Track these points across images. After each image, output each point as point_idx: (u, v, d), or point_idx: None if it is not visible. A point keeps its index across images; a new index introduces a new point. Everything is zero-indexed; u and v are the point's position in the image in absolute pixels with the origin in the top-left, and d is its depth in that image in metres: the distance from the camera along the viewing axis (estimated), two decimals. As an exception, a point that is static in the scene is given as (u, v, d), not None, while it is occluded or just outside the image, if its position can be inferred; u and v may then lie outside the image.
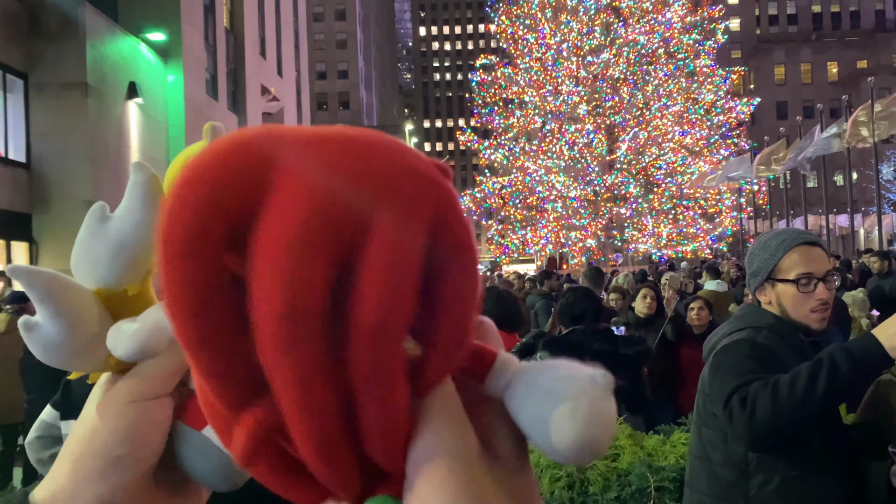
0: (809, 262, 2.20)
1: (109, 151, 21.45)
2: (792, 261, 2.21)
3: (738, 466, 2.18)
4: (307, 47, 45.72)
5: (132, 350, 0.64)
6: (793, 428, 2.02)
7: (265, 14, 35.48)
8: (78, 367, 0.68)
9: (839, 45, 64.60)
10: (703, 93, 26.37)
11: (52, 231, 19.87)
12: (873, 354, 1.88)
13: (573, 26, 26.06)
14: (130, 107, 22.86)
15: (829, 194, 20.69)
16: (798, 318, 2.22)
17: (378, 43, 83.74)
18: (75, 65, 20.33)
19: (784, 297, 2.22)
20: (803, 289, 2.18)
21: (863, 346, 1.91)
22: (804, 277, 2.18)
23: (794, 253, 2.21)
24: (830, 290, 2.22)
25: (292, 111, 39.82)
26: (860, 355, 1.90)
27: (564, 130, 26.30)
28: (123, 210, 0.70)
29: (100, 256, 0.68)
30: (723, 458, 2.22)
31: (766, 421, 1.99)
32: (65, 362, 0.67)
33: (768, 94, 57.60)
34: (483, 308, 0.52)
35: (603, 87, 26.32)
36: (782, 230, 2.38)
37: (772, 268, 2.24)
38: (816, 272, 2.18)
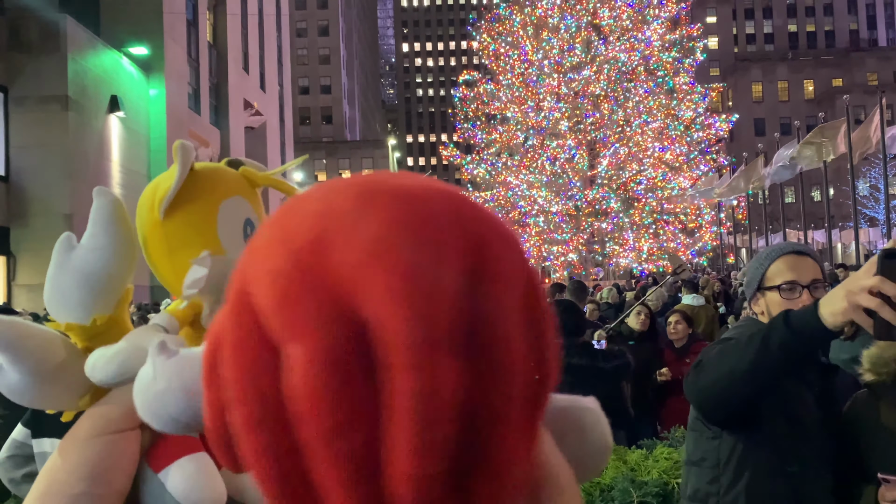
0: (794, 270, 2.19)
1: (89, 165, 21.30)
2: (777, 269, 2.21)
3: (711, 465, 2.19)
4: (290, 62, 45.76)
5: (111, 373, 0.63)
6: (732, 391, 1.96)
7: (248, 29, 35.48)
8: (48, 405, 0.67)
9: (815, 63, 65.70)
10: (683, 109, 26.66)
11: (30, 245, 19.65)
12: (811, 325, 1.77)
13: (554, 44, 26.31)
14: (112, 120, 22.73)
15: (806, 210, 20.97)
16: None
17: (361, 58, 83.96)
18: (56, 78, 20.21)
19: (772, 305, 2.21)
20: (787, 295, 2.17)
21: (802, 315, 1.81)
22: (787, 284, 2.17)
23: (781, 262, 2.22)
24: (817, 298, 2.18)
25: (275, 126, 39.76)
26: (798, 323, 1.82)
27: (546, 146, 26.48)
28: (86, 237, 0.69)
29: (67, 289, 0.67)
30: (700, 456, 2.24)
31: (708, 381, 1.99)
32: (34, 402, 0.66)
33: (746, 112, 58.40)
34: None
35: (584, 103, 26.55)
36: (777, 243, 2.42)
37: (760, 277, 2.25)
38: (801, 280, 2.18)
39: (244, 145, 33.98)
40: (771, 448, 2.12)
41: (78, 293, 0.68)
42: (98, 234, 0.70)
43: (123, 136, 23.42)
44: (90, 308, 0.68)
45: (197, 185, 0.71)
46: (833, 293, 1.75)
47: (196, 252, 0.69)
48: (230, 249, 0.71)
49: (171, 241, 0.70)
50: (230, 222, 0.70)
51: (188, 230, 0.70)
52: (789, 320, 1.83)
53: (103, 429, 0.60)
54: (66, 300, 0.68)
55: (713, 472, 2.19)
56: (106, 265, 0.68)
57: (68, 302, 0.68)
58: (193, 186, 0.70)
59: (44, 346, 0.66)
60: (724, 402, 2.02)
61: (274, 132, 39.32)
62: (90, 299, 0.68)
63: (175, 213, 0.70)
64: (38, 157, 19.95)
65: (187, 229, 0.70)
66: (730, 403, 2.02)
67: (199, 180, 0.71)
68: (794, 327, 1.81)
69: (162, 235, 0.70)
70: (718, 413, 2.10)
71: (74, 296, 0.68)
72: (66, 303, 0.68)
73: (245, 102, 34.40)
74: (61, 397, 0.67)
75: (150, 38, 24.23)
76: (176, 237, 0.70)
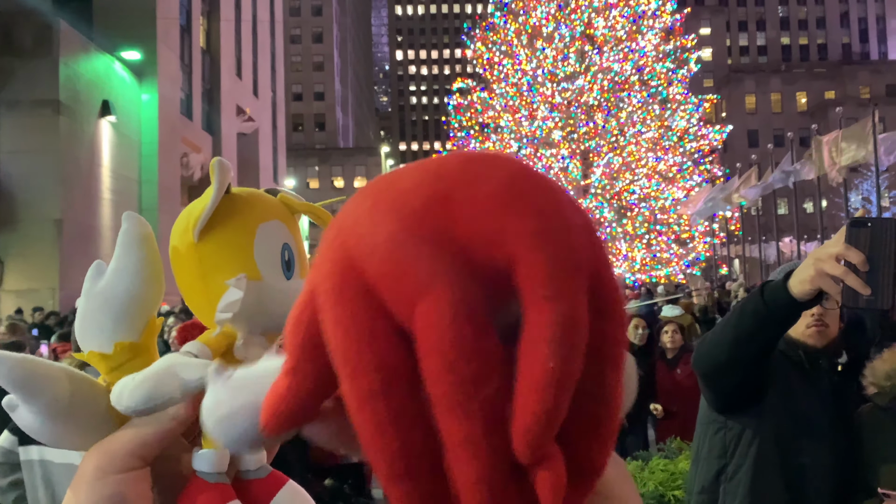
0: None
1: (81, 170, 21.17)
2: None
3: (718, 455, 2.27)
4: (283, 69, 45.76)
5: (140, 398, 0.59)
6: (721, 357, 2.08)
7: (242, 35, 35.46)
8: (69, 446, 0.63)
9: (808, 76, 66.15)
10: (676, 120, 26.75)
11: (20, 250, 19.48)
12: (780, 294, 1.83)
13: (548, 53, 26.37)
14: (103, 125, 22.61)
15: (799, 221, 21.01)
16: (797, 336, 2.27)
17: (355, 66, 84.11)
18: (48, 82, 20.09)
19: None
20: None
21: (774, 285, 1.88)
22: None
23: None
24: (830, 309, 2.26)
25: (267, 132, 39.70)
26: (769, 293, 1.88)
27: (540, 155, 26.51)
28: (111, 261, 0.67)
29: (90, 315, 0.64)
30: (707, 449, 2.31)
31: (703, 349, 2.16)
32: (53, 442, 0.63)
33: (740, 123, 58.70)
34: None
35: (577, 113, 26.60)
36: None
37: None
38: None
39: (236, 151, 33.90)
40: (774, 441, 2.16)
41: (100, 317, 0.64)
42: (121, 255, 0.66)
43: (115, 141, 23.30)
44: (111, 333, 0.64)
45: (234, 207, 0.66)
46: (802, 264, 1.79)
47: (231, 276, 0.65)
48: (267, 275, 0.66)
49: (205, 265, 0.66)
50: (268, 246, 0.66)
51: (223, 253, 0.65)
52: (763, 290, 1.91)
53: (108, 468, 0.56)
54: (89, 326, 0.64)
55: (720, 463, 2.25)
56: (128, 287, 0.65)
57: (91, 328, 0.64)
58: (230, 208, 0.66)
59: (54, 383, 0.61)
60: (717, 369, 2.12)
61: (266, 138, 39.26)
62: (111, 323, 0.64)
63: (210, 236, 0.65)
64: (29, 161, 19.80)
65: (222, 252, 0.65)
66: (722, 370, 2.12)
67: (236, 202, 0.67)
68: (765, 297, 1.89)
69: (196, 259, 0.66)
70: (716, 383, 2.19)
71: (96, 320, 0.64)
72: (89, 329, 0.64)
73: (238, 108, 34.34)
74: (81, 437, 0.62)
75: (143, 42, 24.17)
76: (210, 260, 0.65)
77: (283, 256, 0.68)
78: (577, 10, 26.33)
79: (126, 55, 23.81)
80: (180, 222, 0.69)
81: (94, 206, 21.87)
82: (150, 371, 0.61)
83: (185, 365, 0.61)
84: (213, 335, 0.67)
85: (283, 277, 0.68)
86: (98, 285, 0.66)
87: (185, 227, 0.67)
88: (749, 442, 2.19)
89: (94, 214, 21.73)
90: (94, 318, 0.64)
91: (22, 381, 0.60)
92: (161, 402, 0.59)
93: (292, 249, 0.70)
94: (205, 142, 30.48)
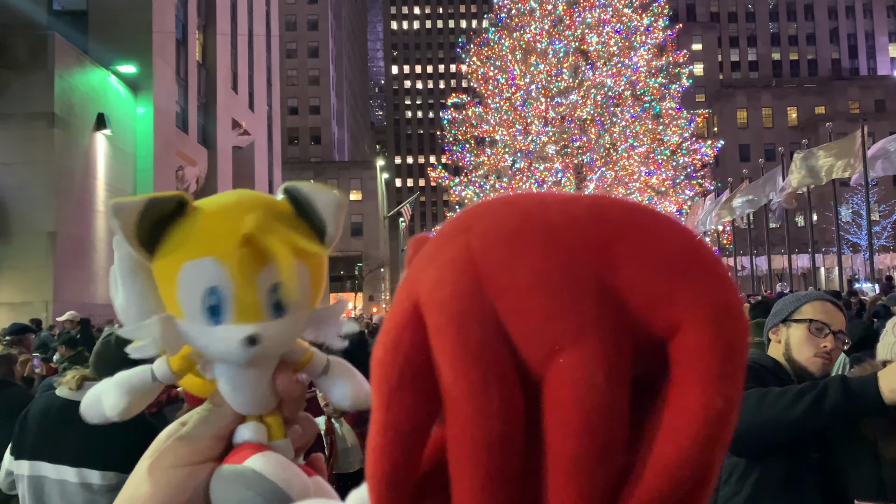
0: (827, 315, 2.34)
1: (75, 183, 21.17)
2: (813, 308, 2.35)
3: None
4: (279, 83, 45.89)
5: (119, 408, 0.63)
6: (770, 436, 2.04)
7: (238, 49, 35.58)
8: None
9: (798, 91, 66.69)
10: (669, 134, 26.90)
11: (13, 263, 19.44)
12: (869, 395, 1.87)
13: (542, 68, 26.55)
14: (98, 138, 22.63)
15: (790, 235, 21.16)
16: (800, 359, 2.32)
17: (350, 80, 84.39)
18: (42, 95, 20.12)
19: (794, 336, 2.34)
20: (815, 332, 2.30)
21: (861, 384, 1.91)
22: (819, 323, 2.31)
23: (818, 304, 2.37)
24: (838, 346, 2.34)
25: (263, 145, 39.76)
26: (857, 390, 1.90)
27: (534, 169, 26.63)
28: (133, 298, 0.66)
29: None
30: None
31: (745, 422, 2.03)
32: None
33: (731, 137, 59.08)
34: None
35: (571, 127, 26.76)
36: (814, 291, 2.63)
37: (791, 310, 2.38)
38: (832, 325, 2.31)
39: (232, 164, 33.94)
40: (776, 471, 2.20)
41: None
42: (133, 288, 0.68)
43: (110, 154, 23.32)
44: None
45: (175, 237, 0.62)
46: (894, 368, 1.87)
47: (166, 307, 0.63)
48: (189, 318, 0.62)
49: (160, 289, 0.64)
50: (188, 287, 0.60)
51: (160, 281, 0.63)
52: (848, 387, 1.91)
53: (188, 458, 0.61)
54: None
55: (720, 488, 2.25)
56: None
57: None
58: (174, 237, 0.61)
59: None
60: (759, 446, 2.09)
61: (262, 152, 39.31)
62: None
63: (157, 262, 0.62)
64: (23, 174, 19.79)
65: (158, 283, 0.63)
66: (765, 447, 2.10)
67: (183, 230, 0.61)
68: (851, 395, 1.90)
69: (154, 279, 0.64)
70: (749, 453, 2.18)
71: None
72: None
73: (233, 122, 34.41)
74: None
75: (138, 56, 24.23)
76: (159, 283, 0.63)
77: (208, 301, 0.60)
78: (570, 26, 26.55)
79: (122, 68, 23.86)
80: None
81: (89, 218, 21.84)
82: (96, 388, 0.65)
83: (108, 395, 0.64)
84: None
85: (206, 324, 0.60)
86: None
87: None
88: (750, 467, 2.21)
89: (88, 227, 21.71)
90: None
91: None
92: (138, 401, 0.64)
93: (222, 293, 0.60)
94: (200, 155, 30.52)
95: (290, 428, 0.66)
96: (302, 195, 0.63)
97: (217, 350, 0.61)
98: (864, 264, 29.23)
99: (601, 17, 26.54)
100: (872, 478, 2.04)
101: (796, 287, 25.54)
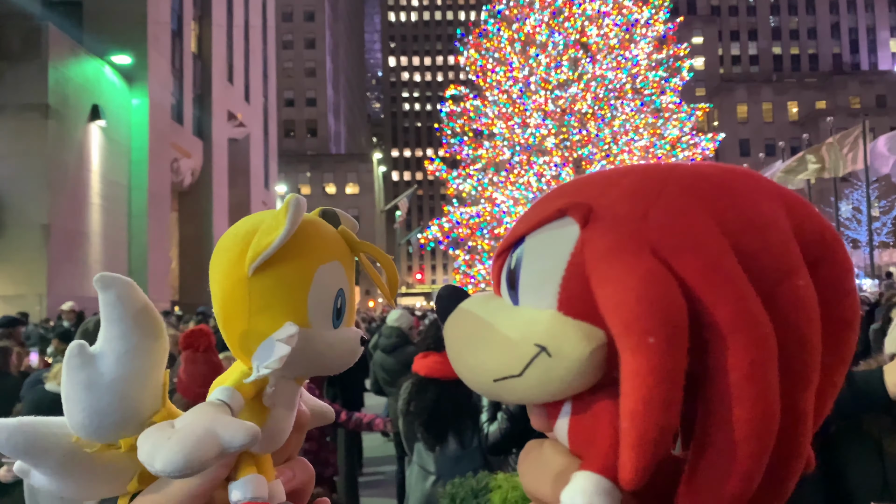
0: None
1: (69, 175, 20.95)
2: None
3: None
4: (276, 74, 45.62)
5: (176, 465, 0.53)
6: None
7: (234, 40, 35.30)
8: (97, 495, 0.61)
9: (798, 86, 66.50)
10: (669, 128, 26.75)
11: (6, 255, 19.25)
12: (874, 389, 1.84)
13: (541, 60, 26.36)
14: (93, 129, 22.40)
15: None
16: None
17: (347, 72, 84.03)
18: (36, 86, 19.89)
19: None
20: None
21: (866, 378, 1.88)
22: None
23: None
24: None
25: (259, 138, 39.52)
26: (861, 385, 1.87)
27: (532, 162, 26.45)
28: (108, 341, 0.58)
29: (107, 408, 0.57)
30: None
31: None
32: (80, 496, 0.61)
33: (731, 132, 58.91)
34: None
35: (571, 120, 26.58)
36: None
37: None
38: None
39: (227, 157, 33.71)
40: None
41: (125, 406, 0.58)
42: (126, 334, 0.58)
43: (104, 145, 23.08)
44: (142, 416, 0.58)
45: (295, 243, 0.59)
46: None
47: (278, 321, 0.58)
48: (316, 323, 0.60)
49: (254, 302, 0.59)
50: (323, 292, 0.61)
51: (276, 294, 0.59)
52: (852, 382, 1.84)
53: None
54: (112, 420, 0.57)
55: None
56: (147, 364, 0.59)
57: (115, 420, 0.57)
58: (291, 243, 0.59)
59: (59, 440, 0.57)
60: None
61: (258, 144, 39.08)
62: (142, 404, 0.58)
63: (266, 273, 0.58)
64: (17, 165, 19.58)
65: (275, 293, 0.59)
66: None
67: (298, 237, 0.60)
68: (856, 389, 1.85)
69: (244, 293, 0.59)
70: None
71: (120, 411, 0.57)
72: (113, 422, 0.58)
73: (229, 114, 34.16)
74: (105, 484, 0.59)
75: (133, 47, 23.99)
76: (261, 298, 0.59)
77: (336, 304, 0.63)
78: (570, 18, 26.34)
79: (116, 59, 23.61)
80: (232, 246, 0.60)
81: (83, 211, 21.65)
82: (186, 432, 0.54)
83: (226, 426, 0.55)
84: (246, 381, 0.60)
85: (332, 326, 0.63)
86: (102, 374, 0.56)
87: (238, 256, 0.59)
88: None
89: (82, 220, 21.51)
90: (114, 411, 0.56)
91: (24, 447, 0.57)
92: (198, 468, 0.53)
93: (345, 295, 0.64)
94: (195, 147, 30.29)
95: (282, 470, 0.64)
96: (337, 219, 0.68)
97: (340, 351, 0.63)
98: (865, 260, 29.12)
99: (601, 9, 26.33)
100: (876, 476, 1.99)
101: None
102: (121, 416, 0.56)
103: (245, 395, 0.60)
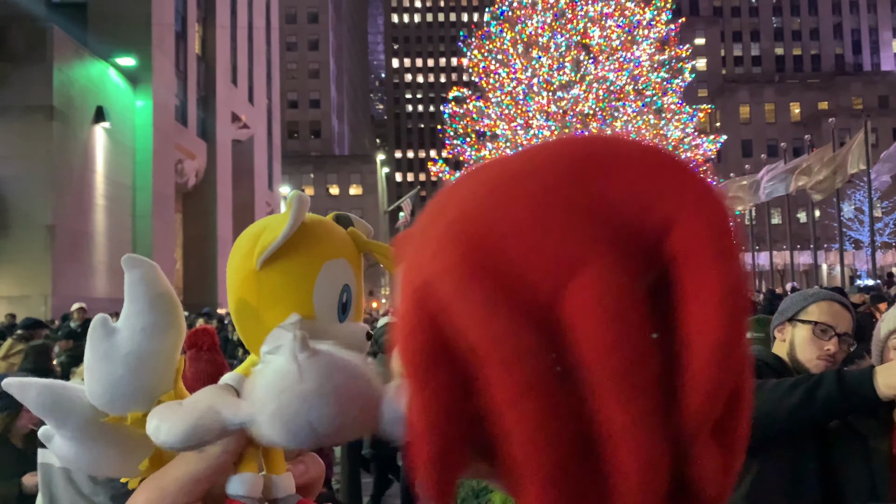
0: (833, 316, 2.28)
1: (73, 176, 21.07)
2: (820, 309, 2.30)
3: None
4: (279, 76, 45.74)
5: (179, 435, 0.56)
6: (764, 428, 2.01)
7: (238, 42, 35.44)
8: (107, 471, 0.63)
9: (801, 86, 66.48)
10: (671, 129, 26.81)
11: (11, 256, 19.35)
12: (864, 389, 1.85)
13: (544, 62, 26.42)
14: (97, 131, 22.52)
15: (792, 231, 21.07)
16: (803, 359, 2.28)
17: (351, 73, 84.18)
18: (41, 88, 20.00)
19: (798, 337, 2.29)
20: (819, 334, 2.26)
21: (857, 377, 1.89)
22: (824, 325, 2.26)
23: (825, 304, 2.31)
24: (842, 349, 2.29)
25: (263, 139, 39.65)
26: (851, 384, 1.88)
27: (535, 164, 26.54)
28: (130, 317, 0.62)
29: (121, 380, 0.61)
30: None
31: None
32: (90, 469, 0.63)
33: (734, 133, 58.89)
34: None
35: (573, 121, 26.64)
36: (824, 290, 2.54)
37: (798, 310, 2.33)
38: (837, 327, 2.26)
39: (231, 158, 33.83)
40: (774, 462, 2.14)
41: (136, 381, 0.61)
42: (143, 311, 0.62)
43: (109, 147, 23.21)
44: (151, 393, 0.61)
45: (303, 239, 0.63)
46: (892, 365, 1.84)
47: (286, 314, 0.62)
48: (321, 315, 0.63)
49: (264, 295, 0.62)
50: (329, 286, 0.63)
51: (284, 286, 0.62)
52: (842, 380, 1.88)
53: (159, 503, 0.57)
54: (124, 392, 0.61)
55: None
56: (160, 344, 0.62)
57: (126, 393, 0.61)
58: (298, 239, 0.62)
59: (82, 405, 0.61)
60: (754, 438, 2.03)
61: (261, 145, 39.20)
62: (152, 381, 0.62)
63: (273, 266, 0.62)
64: (22, 167, 19.70)
65: (283, 285, 0.62)
66: (760, 439, 2.03)
67: (306, 233, 0.63)
68: (845, 388, 1.87)
69: (255, 287, 0.63)
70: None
71: (131, 385, 0.61)
72: (124, 394, 0.61)
73: (233, 115, 34.28)
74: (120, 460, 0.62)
75: (137, 49, 24.11)
76: (269, 291, 0.62)
77: (342, 298, 0.65)
78: (573, 19, 26.40)
79: (121, 61, 23.74)
80: (244, 244, 0.65)
81: (88, 212, 21.76)
82: (190, 407, 0.58)
83: (228, 405, 0.57)
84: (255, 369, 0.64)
85: (337, 320, 0.65)
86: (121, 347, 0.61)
87: (248, 252, 0.64)
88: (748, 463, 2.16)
89: (87, 221, 21.63)
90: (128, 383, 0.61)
91: (51, 405, 0.60)
92: (198, 443, 0.56)
93: (352, 291, 0.67)
94: (199, 148, 30.41)
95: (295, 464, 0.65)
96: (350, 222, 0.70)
97: (345, 345, 0.62)
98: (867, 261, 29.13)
99: (603, 11, 26.39)
100: (864, 475, 2.03)
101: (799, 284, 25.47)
102: (132, 389, 0.60)
103: None
